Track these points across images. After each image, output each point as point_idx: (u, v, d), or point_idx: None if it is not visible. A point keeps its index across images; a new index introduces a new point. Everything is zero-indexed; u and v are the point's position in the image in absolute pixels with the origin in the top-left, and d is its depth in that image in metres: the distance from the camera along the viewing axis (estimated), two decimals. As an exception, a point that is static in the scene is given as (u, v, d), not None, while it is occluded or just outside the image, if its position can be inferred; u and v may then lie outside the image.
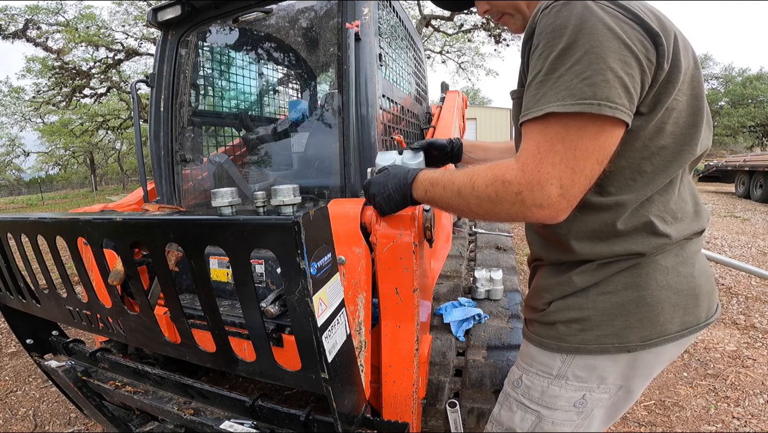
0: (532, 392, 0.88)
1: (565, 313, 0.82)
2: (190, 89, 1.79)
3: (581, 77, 0.62)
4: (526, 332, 0.93)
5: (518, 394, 0.91)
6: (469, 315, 1.82)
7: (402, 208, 0.96)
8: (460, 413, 1.41)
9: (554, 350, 0.83)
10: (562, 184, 0.65)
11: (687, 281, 0.78)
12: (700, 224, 0.81)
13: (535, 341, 0.87)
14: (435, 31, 12.45)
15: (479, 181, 0.73)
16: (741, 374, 2.38)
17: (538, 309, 0.87)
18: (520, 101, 0.76)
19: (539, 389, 0.87)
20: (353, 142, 1.34)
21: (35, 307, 1.10)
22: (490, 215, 0.75)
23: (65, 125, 21.15)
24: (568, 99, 0.63)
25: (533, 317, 0.89)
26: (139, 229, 0.75)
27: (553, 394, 0.85)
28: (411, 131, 2.05)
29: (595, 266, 0.79)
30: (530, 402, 0.89)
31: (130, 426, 1.23)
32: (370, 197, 0.98)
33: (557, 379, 0.84)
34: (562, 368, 0.83)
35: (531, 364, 0.88)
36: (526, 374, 0.90)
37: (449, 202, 0.82)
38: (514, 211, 0.70)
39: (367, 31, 1.36)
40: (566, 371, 0.83)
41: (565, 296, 0.82)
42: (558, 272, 0.84)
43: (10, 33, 10.95)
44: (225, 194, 0.82)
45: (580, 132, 0.64)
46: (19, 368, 2.82)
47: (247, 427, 0.90)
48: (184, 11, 1.59)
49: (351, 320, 1.10)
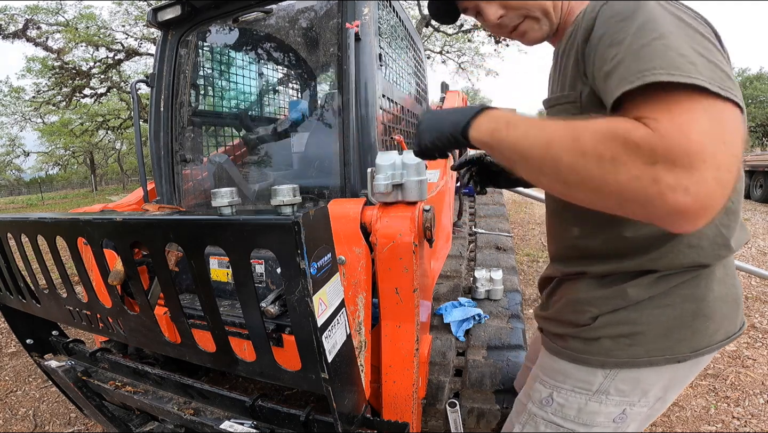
0: (566, 410, 0.82)
1: (615, 328, 0.75)
2: (190, 89, 1.79)
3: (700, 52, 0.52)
4: (555, 347, 0.85)
5: (547, 413, 0.85)
6: (469, 315, 1.82)
7: (452, 148, 0.78)
8: (460, 413, 1.41)
9: (597, 366, 0.77)
10: (718, 163, 0.45)
11: (732, 291, 0.76)
12: (746, 235, 0.78)
13: (571, 357, 0.81)
14: (435, 31, 12.45)
15: (586, 134, 0.52)
16: (741, 374, 2.38)
17: (579, 324, 0.79)
18: (561, 108, 0.74)
19: (575, 406, 0.81)
20: (353, 142, 1.34)
21: (35, 307, 1.10)
22: (588, 186, 0.52)
23: (65, 125, 21.15)
24: (700, 74, 0.49)
25: (570, 332, 0.82)
26: (139, 229, 0.75)
27: (591, 411, 0.80)
28: (411, 131, 2.05)
29: (654, 278, 0.72)
30: (564, 420, 0.83)
31: (130, 426, 1.23)
32: (421, 132, 0.79)
33: (597, 394, 0.79)
34: (604, 383, 0.78)
35: (564, 381, 0.82)
36: (557, 391, 0.83)
37: (528, 153, 0.58)
38: (634, 188, 0.48)
39: (367, 31, 1.36)
40: (608, 385, 0.78)
41: (616, 310, 0.75)
42: (606, 285, 0.77)
43: (10, 33, 10.95)
44: (225, 194, 0.82)
45: (722, 108, 0.49)
46: (19, 368, 2.82)
47: (247, 427, 0.90)
48: (184, 11, 1.59)
49: (351, 320, 1.10)
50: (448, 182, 1.85)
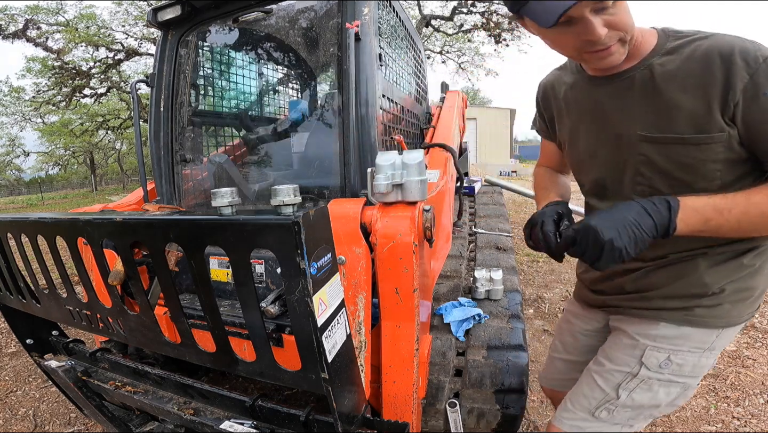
0: (684, 368, 0.96)
1: (735, 295, 0.91)
2: (190, 89, 1.79)
3: None
4: (680, 317, 0.95)
5: (665, 374, 0.97)
6: (469, 315, 1.82)
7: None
8: (460, 413, 1.41)
9: (718, 327, 0.93)
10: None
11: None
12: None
13: (699, 323, 0.93)
14: (435, 31, 12.44)
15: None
16: (741, 374, 2.38)
17: (706, 294, 0.92)
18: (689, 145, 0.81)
19: (691, 363, 0.95)
20: (353, 142, 1.34)
21: (35, 307, 1.10)
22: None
23: (65, 125, 21.14)
24: None
25: (695, 303, 0.94)
26: (139, 229, 0.75)
27: (702, 365, 0.96)
28: (411, 131, 2.05)
29: (759, 251, 0.91)
30: (679, 377, 0.97)
31: (130, 426, 1.23)
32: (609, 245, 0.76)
33: (707, 351, 0.95)
34: (716, 341, 0.94)
35: (683, 344, 0.95)
36: (674, 354, 0.96)
37: (743, 229, 0.80)
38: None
39: (367, 31, 1.36)
40: (717, 343, 0.94)
41: (735, 279, 0.91)
42: (724, 261, 0.91)
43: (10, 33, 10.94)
44: (225, 194, 0.82)
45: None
46: (19, 368, 2.82)
47: (247, 427, 0.90)
48: (184, 11, 1.59)
49: (351, 320, 1.10)
50: (448, 182, 1.85)
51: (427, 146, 1.96)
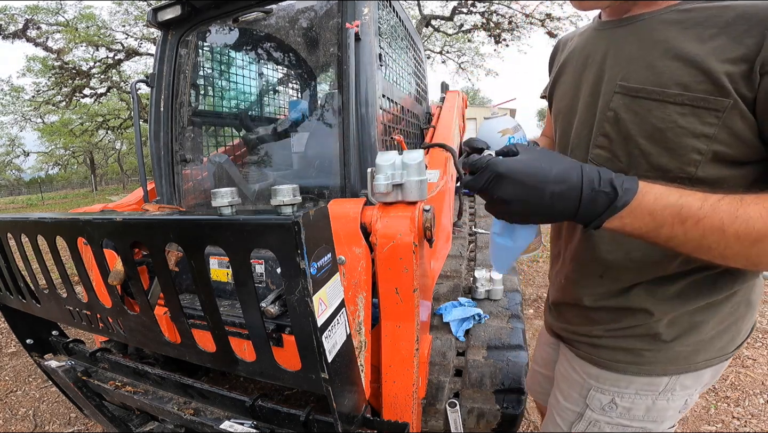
0: (634, 412, 0.83)
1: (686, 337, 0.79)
2: (190, 89, 1.79)
3: None
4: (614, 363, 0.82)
5: (612, 418, 0.85)
6: (469, 315, 1.82)
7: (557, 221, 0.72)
8: (460, 413, 1.41)
9: (667, 375, 0.79)
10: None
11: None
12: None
13: (643, 371, 0.81)
14: (435, 31, 12.44)
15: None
16: (741, 374, 2.38)
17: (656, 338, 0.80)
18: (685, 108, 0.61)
19: (643, 407, 0.81)
20: (353, 142, 1.34)
21: (35, 307, 1.10)
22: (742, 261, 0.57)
23: (65, 125, 21.14)
24: None
25: (641, 347, 0.82)
26: (139, 229, 0.75)
27: (662, 408, 0.81)
28: (411, 131, 2.05)
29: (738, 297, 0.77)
30: (631, 421, 0.83)
31: (130, 426, 1.23)
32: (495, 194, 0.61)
33: (663, 393, 0.80)
34: (669, 383, 0.78)
35: (627, 386, 0.82)
36: (620, 397, 0.83)
37: (700, 248, 0.57)
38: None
39: (367, 31, 1.36)
40: (674, 384, 0.79)
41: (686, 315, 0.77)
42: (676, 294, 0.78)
43: (10, 33, 10.94)
44: (225, 194, 0.82)
45: None
46: (19, 368, 2.82)
47: (247, 427, 0.90)
48: (184, 11, 1.59)
49: (351, 320, 1.10)
50: (448, 182, 1.84)
51: (427, 146, 1.96)
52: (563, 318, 0.95)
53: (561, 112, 0.89)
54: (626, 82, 0.68)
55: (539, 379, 1.25)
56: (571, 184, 0.58)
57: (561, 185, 0.58)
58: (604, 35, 0.76)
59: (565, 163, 0.60)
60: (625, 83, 0.69)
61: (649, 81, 0.65)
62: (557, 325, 0.99)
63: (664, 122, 0.64)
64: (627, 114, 0.69)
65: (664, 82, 0.63)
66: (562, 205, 0.58)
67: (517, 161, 0.60)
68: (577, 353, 0.90)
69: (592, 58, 0.78)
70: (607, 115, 0.72)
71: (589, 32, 0.83)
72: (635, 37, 0.69)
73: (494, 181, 0.60)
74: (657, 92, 0.64)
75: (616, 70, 0.71)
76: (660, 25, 0.66)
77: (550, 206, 0.58)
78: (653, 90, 0.64)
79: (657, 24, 0.67)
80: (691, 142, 0.63)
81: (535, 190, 0.58)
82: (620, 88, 0.69)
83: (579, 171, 0.59)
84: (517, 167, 0.59)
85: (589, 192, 0.57)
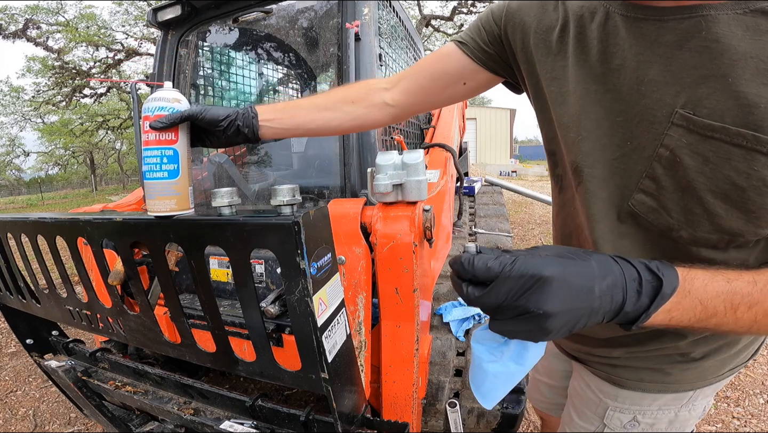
0: (657, 426, 0.80)
1: (719, 352, 0.75)
2: (190, 89, 1.79)
3: None
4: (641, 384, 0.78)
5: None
6: (469, 315, 1.82)
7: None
8: (460, 413, 1.41)
9: (692, 389, 0.77)
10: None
11: None
12: None
13: (668, 389, 0.78)
14: (435, 31, 12.43)
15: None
16: (741, 374, 2.38)
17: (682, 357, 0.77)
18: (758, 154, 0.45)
19: (666, 420, 0.78)
20: (353, 142, 1.34)
21: (35, 307, 1.10)
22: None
23: (65, 125, 21.15)
24: None
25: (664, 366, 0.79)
26: (139, 229, 0.75)
27: (685, 418, 0.78)
28: (411, 131, 2.05)
29: None
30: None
31: (130, 426, 1.23)
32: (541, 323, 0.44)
33: (686, 405, 0.77)
34: (693, 396, 0.76)
35: (650, 405, 0.79)
36: (642, 414, 0.80)
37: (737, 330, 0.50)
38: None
39: (367, 31, 1.36)
40: (697, 395, 0.76)
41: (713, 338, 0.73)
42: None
43: (11, 33, 10.95)
44: (225, 194, 0.82)
45: None
46: (19, 368, 2.82)
47: (247, 427, 0.90)
48: (184, 11, 1.59)
49: (351, 320, 1.10)
50: (448, 182, 1.84)
51: (427, 146, 1.96)
52: (578, 340, 0.87)
53: (565, 125, 0.67)
54: (693, 112, 0.49)
55: (541, 388, 1.22)
56: (615, 275, 0.45)
57: (606, 279, 0.45)
58: (641, 29, 0.53)
59: (586, 251, 0.49)
60: (690, 114, 0.49)
61: (731, 116, 0.46)
62: (570, 345, 0.91)
63: (748, 179, 0.46)
64: (691, 159, 0.50)
65: (758, 121, 0.44)
66: (608, 305, 0.45)
67: (551, 259, 0.45)
68: (592, 371, 0.85)
69: (620, 59, 0.56)
70: (659, 152, 0.53)
71: (605, 17, 0.58)
72: (701, 43, 0.47)
73: (535, 289, 0.43)
74: (746, 136, 0.45)
75: (674, 90, 0.50)
76: (740, 28, 0.45)
77: (597, 310, 0.45)
78: (739, 132, 0.45)
79: (734, 26, 0.45)
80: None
81: (587, 293, 0.44)
82: (682, 120, 0.50)
83: (610, 258, 0.47)
84: (559, 266, 0.44)
85: (632, 282, 0.46)
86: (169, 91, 0.71)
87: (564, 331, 0.45)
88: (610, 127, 0.59)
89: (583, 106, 0.62)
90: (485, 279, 0.46)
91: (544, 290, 0.43)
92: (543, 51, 0.69)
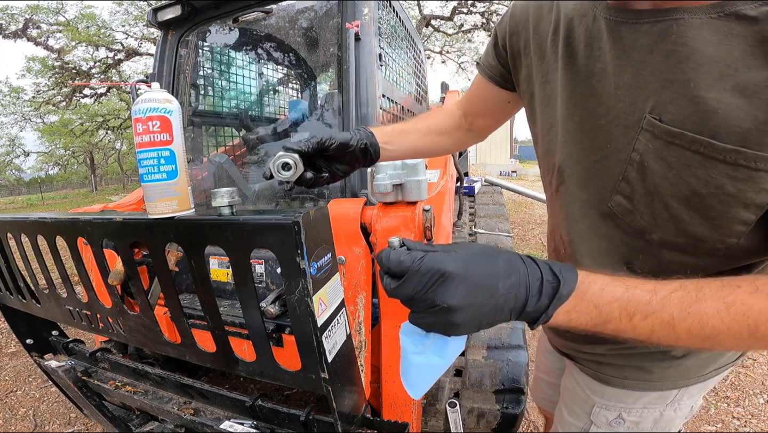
0: (642, 424, 0.80)
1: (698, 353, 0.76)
2: (190, 89, 1.79)
3: None
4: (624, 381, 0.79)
5: (621, 431, 0.83)
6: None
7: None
8: (460, 413, 1.41)
9: (677, 388, 0.77)
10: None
11: None
12: None
13: (652, 387, 0.79)
14: (435, 31, 12.44)
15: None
16: (741, 374, 2.38)
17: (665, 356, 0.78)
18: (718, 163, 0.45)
19: (651, 418, 0.79)
20: (353, 142, 1.33)
21: (35, 307, 1.10)
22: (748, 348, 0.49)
23: (65, 125, 21.15)
24: None
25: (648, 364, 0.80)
26: (139, 229, 0.75)
27: (671, 417, 0.79)
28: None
29: None
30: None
31: (130, 426, 1.23)
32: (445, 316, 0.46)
33: (671, 404, 0.77)
34: (678, 394, 0.76)
35: (635, 403, 0.80)
36: (627, 412, 0.80)
37: (672, 342, 0.47)
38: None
39: (367, 31, 1.36)
40: (682, 395, 0.76)
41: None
42: None
43: (11, 32, 10.95)
44: (225, 194, 0.82)
45: None
46: (19, 368, 2.82)
47: (247, 427, 0.90)
48: (184, 11, 1.59)
49: (351, 320, 1.10)
50: (448, 182, 1.84)
51: (427, 146, 1.96)
52: (563, 336, 0.90)
53: (550, 126, 0.69)
54: (658, 117, 0.49)
55: (543, 386, 1.24)
56: (519, 274, 0.47)
57: (511, 278, 0.47)
58: (620, 32, 0.53)
59: (497, 250, 0.50)
60: (656, 120, 0.49)
61: (691, 122, 0.46)
62: (559, 341, 0.93)
63: (707, 186, 0.47)
64: (657, 164, 0.50)
65: (715, 127, 0.44)
66: (512, 303, 0.47)
67: (457, 255, 0.47)
68: (581, 368, 0.87)
69: (602, 62, 0.56)
70: (631, 156, 0.53)
71: (588, 20, 0.58)
72: (670, 47, 0.47)
73: (440, 283, 0.45)
74: (702, 143, 0.45)
75: (644, 95, 0.50)
76: (710, 32, 0.44)
77: (501, 307, 0.46)
78: (696, 139, 0.45)
79: (705, 30, 0.44)
80: (738, 213, 0.47)
81: (490, 290, 0.46)
82: (649, 125, 0.50)
83: (518, 257, 0.49)
84: (463, 262, 0.46)
85: (535, 282, 0.47)
86: (159, 92, 0.71)
87: (473, 325, 0.47)
88: (592, 130, 0.60)
89: (568, 109, 0.63)
90: (399, 273, 0.48)
91: (447, 285, 0.45)
92: (539, 54, 0.69)
